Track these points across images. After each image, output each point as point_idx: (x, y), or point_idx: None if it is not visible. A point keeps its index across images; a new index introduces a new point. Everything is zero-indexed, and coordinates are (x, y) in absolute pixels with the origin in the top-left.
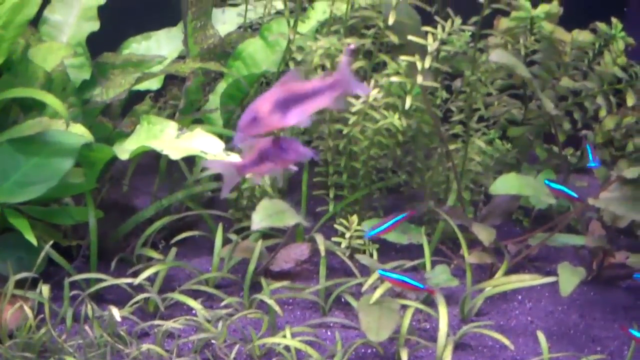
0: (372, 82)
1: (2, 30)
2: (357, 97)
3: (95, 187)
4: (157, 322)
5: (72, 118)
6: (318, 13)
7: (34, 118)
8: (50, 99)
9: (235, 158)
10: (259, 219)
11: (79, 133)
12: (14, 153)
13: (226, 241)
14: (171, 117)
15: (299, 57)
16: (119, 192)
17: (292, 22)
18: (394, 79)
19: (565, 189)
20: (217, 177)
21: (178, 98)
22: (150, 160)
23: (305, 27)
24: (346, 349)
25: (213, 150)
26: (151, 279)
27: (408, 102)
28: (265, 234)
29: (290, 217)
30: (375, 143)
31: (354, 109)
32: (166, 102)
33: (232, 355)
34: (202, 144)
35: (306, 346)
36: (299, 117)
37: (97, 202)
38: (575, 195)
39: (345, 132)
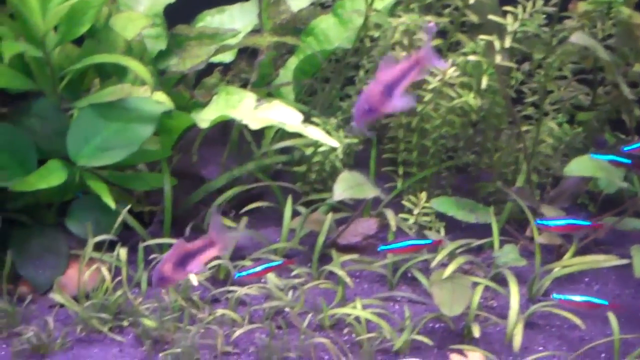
0: (450, 61)
1: None
2: (433, 74)
3: (170, 155)
4: (231, 288)
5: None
6: None
7: (114, 85)
8: (135, 65)
9: (314, 132)
10: (341, 190)
11: (160, 100)
12: (95, 118)
13: (294, 213)
14: None
15: (375, 34)
16: (189, 161)
17: None
18: (472, 57)
19: (616, 157)
20: (286, 150)
21: (246, 72)
22: (215, 132)
23: (380, 4)
24: (416, 323)
25: (292, 122)
26: None
27: (484, 81)
28: (334, 208)
29: (369, 190)
30: (447, 121)
31: (430, 87)
32: (235, 76)
33: (305, 323)
34: (281, 115)
35: (378, 318)
36: (403, 98)
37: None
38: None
39: (419, 109)
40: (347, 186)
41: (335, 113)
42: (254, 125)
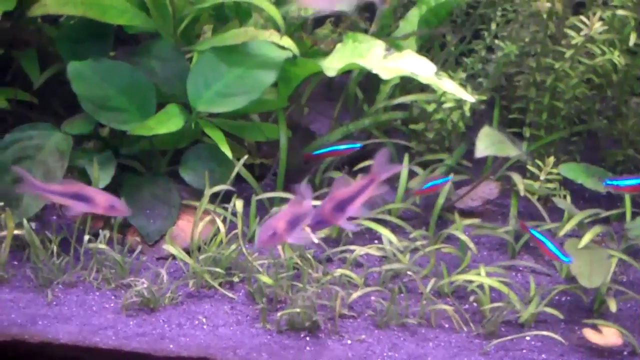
0: (597, 15)
1: None
2: (577, 30)
3: (287, 105)
4: (352, 247)
5: None
6: None
7: (235, 28)
8: (267, 7)
9: (448, 85)
10: (484, 147)
11: (287, 46)
12: (217, 62)
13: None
14: None
15: None
16: (299, 114)
17: None
18: (620, 12)
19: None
20: (402, 107)
21: (356, 24)
22: (321, 87)
23: None
24: (544, 294)
25: (424, 73)
26: None
27: (632, 38)
28: (451, 169)
29: (512, 149)
30: (585, 81)
31: (573, 41)
32: (347, 27)
33: (428, 289)
34: (413, 66)
35: (505, 287)
36: (355, 212)
37: None
38: None
39: (556, 66)
40: (490, 142)
41: (457, 70)
42: (385, 75)
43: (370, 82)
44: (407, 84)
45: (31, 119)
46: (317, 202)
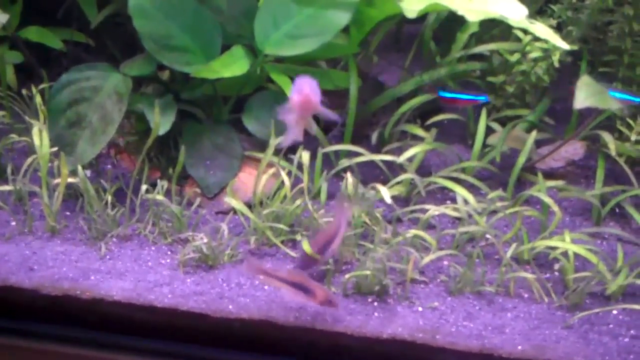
0: None
1: None
2: None
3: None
4: (426, 206)
5: None
6: None
7: None
8: None
9: (542, 30)
10: (583, 97)
11: None
12: (287, 1)
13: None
14: None
15: None
16: (369, 63)
17: None
18: None
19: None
20: (480, 58)
21: None
22: (387, 35)
23: None
24: (633, 265)
25: (516, 16)
26: None
27: None
28: (533, 125)
29: (612, 101)
30: None
31: None
32: None
33: (508, 255)
34: (503, 7)
35: (593, 255)
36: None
37: None
38: None
39: None
40: (589, 93)
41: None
42: (471, 17)
43: (445, 30)
44: (484, 34)
45: (87, 62)
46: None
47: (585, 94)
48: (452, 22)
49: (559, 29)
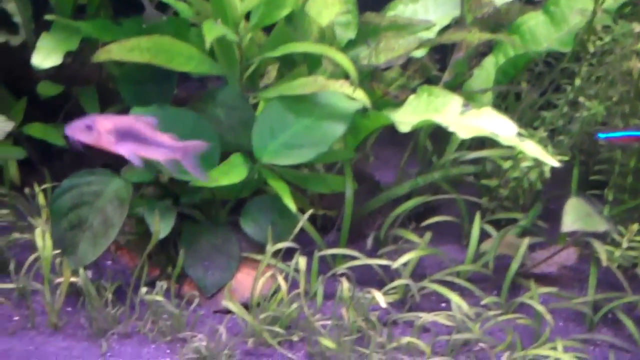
0: None
1: None
2: None
3: (353, 157)
4: (420, 314)
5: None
6: None
7: (302, 75)
8: (341, 58)
9: (532, 148)
10: (572, 221)
11: (358, 98)
12: (284, 112)
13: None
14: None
15: (606, 38)
16: (364, 163)
17: None
18: None
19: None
20: (474, 160)
21: (427, 69)
22: (384, 132)
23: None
24: None
25: (506, 133)
26: None
27: None
28: (525, 230)
29: (600, 223)
30: None
31: None
32: (416, 71)
33: None
34: (494, 125)
35: None
36: (130, 153)
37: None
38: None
39: None
40: (577, 216)
41: (534, 123)
42: (463, 134)
43: (439, 130)
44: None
45: (87, 157)
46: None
47: (573, 217)
48: None
49: (552, 133)
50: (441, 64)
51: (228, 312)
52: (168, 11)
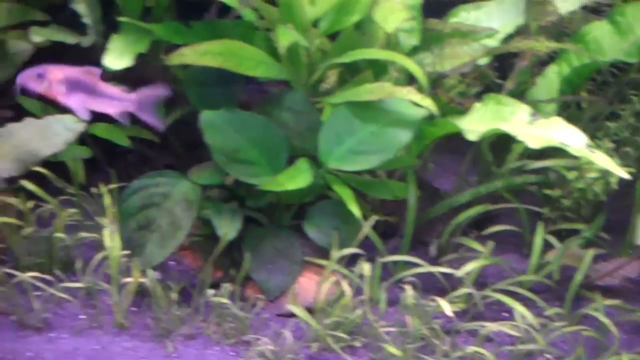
0: None
1: None
2: None
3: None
4: (485, 323)
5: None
6: None
7: (367, 81)
8: (410, 65)
9: (603, 160)
10: None
11: (425, 105)
12: (350, 118)
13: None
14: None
15: None
16: (424, 170)
17: None
18: None
19: None
20: (536, 171)
21: (486, 76)
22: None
23: None
24: None
25: (576, 144)
26: None
27: None
28: (590, 242)
29: None
30: None
31: None
32: (475, 79)
33: None
34: (564, 135)
35: None
36: (80, 105)
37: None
38: None
39: None
40: None
41: (598, 134)
42: (532, 144)
43: (499, 138)
44: None
45: (150, 157)
46: None
47: None
48: None
49: (617, 144)
50: (499, 71)
51: (291, 315)
52: (229, 15)
